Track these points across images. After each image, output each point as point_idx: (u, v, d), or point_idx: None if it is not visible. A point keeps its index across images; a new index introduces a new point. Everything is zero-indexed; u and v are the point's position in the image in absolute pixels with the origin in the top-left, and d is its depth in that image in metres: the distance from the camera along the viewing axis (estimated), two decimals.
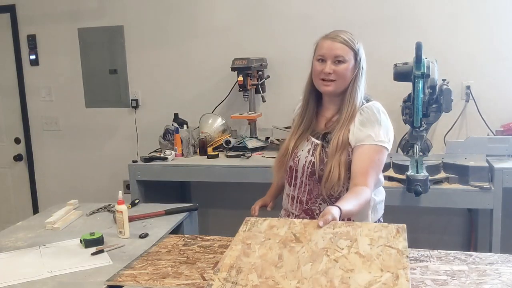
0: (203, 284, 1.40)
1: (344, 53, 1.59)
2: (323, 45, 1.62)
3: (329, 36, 1.63)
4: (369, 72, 3.12)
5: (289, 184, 1.73)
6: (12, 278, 1.52)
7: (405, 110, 2.52)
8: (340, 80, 1.60)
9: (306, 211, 1.69)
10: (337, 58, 1.59)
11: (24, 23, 3.66)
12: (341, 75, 1.60)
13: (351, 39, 1.61)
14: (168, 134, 3.20)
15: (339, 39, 1.60)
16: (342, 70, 1.59)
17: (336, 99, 1.67)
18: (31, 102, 3.76)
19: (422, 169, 2.38)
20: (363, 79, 1.65)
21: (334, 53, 1.59)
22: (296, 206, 1.71)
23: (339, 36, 1.60)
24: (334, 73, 1.59)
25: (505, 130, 2.82)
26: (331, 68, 1.59)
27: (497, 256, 1.53)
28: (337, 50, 1.59)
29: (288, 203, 1.75)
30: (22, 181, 3.90)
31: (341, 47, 1.59)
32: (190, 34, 3.36)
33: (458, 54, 2.92)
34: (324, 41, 1.62)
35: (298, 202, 1.70)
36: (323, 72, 1.60)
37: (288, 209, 1.76)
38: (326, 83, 1.61)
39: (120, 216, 1.83)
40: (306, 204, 1.68)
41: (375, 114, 1.61)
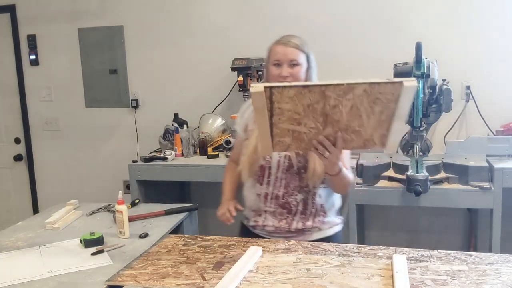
0: (203, 284, 1.40)
1: (298, 57, 1.71)
2: (278, 51, 1.73)
3: (282, 41, 1.74)
4: (369, 72, 3.14)
5: (261, 183, 1.77)
6: (12, 278, 1.52)
7: None
8: (296, 81, 1.70)
9: (283, 205, 1.76)
10: (292, 61, 1.70)
11: (24, 23, 3.66)
12: (296, 76, 1.71)
13: (302, 43, 1.74)
14: (168, 134, 3.20)
15: (292, 44, 1.72)
16: (297, 72, 1.71)
17: None
18: (31, 102, 3.76)
19: (422, 169, 2.38)
20: (315, 79, 1.77)
21: (288, 57, 1.70)
22: (270, 203, 1.78)
23: (290, 41, 1.73)
24: (291, 76, 1.70)
25: (505, 130, 2.82)
26: (288, 71, 1.70)
27: (497, 256, 1.53)
28: (291, 54, 1.71)
29: (260, 202, 1.79)
30: (22, 181, 3.90)
31: (294, 51, 1.71)
32: (190, 34, 3.36)
33: (458, 54, 2.92)
34: (278, 46, 1.74)
35: (273, 198, 1.77)
36: (280, 75, 1.70)
37: (259, 209, 1.81)
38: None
39: (120, 216, 1.83)
40: (282, 198, 1.75)
41: None
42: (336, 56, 3.12)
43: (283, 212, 1.77)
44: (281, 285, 1.37)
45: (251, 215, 1.86)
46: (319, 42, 3.13)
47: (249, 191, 1.84)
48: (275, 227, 1.79)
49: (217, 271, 1.49)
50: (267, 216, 1.80)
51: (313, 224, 1.78)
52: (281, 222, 1.78)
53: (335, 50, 3.12)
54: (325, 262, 1.52)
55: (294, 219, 1.77)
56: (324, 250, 1.63)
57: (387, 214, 3.14)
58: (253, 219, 1.85)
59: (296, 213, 1.77)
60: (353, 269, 1.46)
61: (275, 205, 1.77)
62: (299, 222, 1.77)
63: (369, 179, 2.56)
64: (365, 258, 1.54)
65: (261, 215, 1.81)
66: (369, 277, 1.40)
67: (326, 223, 1.82)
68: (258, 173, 1.78)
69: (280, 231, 1.79)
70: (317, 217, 1.79)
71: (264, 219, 1.80)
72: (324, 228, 1.81)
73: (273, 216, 1.78)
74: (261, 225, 1.81)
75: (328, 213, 1.82)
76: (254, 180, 1.80)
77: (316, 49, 3.09)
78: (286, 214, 1.77)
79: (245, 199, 1.89)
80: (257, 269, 1.49)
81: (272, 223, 1.79)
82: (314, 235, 1.80)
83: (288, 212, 1.77)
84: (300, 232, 1.79)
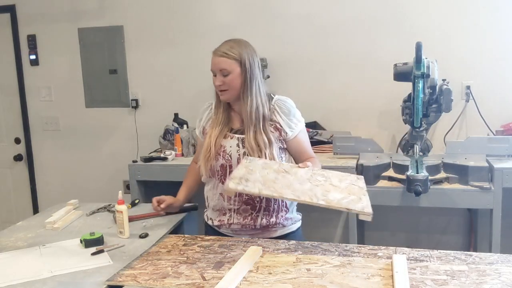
0: (203, 284, 1.40)
1: (227, 65, 1.76)
2: (212, 60, 1.80)
3: (214, 51, 1.80)
4: (369, 72, 3.15)
5: (223, 182, 1.79)
6: (12, 278, 1.51)
7: (405, 110, 2.52)
8: (231, 89, 1.78)
9: (246, 201, 1.81)
10: (222, 72, 1.76)
11: (24, 23, 3.66)
12: (229, 85, 1.77)
13: (234, 51, 1.77)
14: (168, 134, 3.20)
15: (219, 53, 1.77)
16: (229, 81, 1.76)
17: (239, 101, 1.82)
18: (31, 102, 3.76)
19: (422, 169, 2.38)
20: (255, 82, 1.79)
21: (218, 67, 1.77)
22: (234, 201, 1.82)
23: (220, 50, 1.78)
24: (224, 84, 1.77)
25: (505, 130, 2.82)
26: (220, 80, 1.77)
27: (497, 256, 1.53)
28: (220, 64, 1.76)
29: (224, 201, 1.83)
30: (22, 181, 3.90)
31: (223, 60, 1.76)
32: (190, 34, 3.36)
33: (458, 54, 2.92)
34: (213, 56, 1.80)
35: (236, 195, 1.79)
36: (216, 85, 1.79)
37: (223, 208, 1.85)
38: (221, 93, 1.80)
39: (120, 216, 1.83)
40: (246, 195, 1.77)
41: (287, 102, 1.85)
42: (336, 56, 3.12)
43: (247, 208, 1.82)
44: (281, 285, 1.37)
45: (215, 215, 1.89)
46: (319, 41, 3.15)
47: (211, 191, 1.88)
48: (240, 225, 1.83)
49: (217, 271, 1.49)
50: (231, 214, 1.84)
51: (276, 220, 1.84)
52: (246, 219, 1.82)
53: (335, 50, 3.12)
54: (325, 262, 1.52)
55: (258, 215, 1.82)
56: (324, 250, 1.63)
57: (387, 214, 3.13)
58: (217, 219, 1.88)
59: (259, 209, 1.82)
60: (353, 269, 1.46)
61: (239, 202, 1.81)
62: (263, 219, 1.82)
63: (369, 179, 2.55)
64: (365, 258, 1.54)
65: (226, 214, 1.85)
66: (369, 277, 1.40)
67: (289, 219, 1.88)
68: (219, 173, 1.82)
69: (246, 229, 1.83)
70: (280, 212, 1.85)
71: (229, 217, 1.84)
72: (287, 224, 1.88)
73: (238, 214, 1.83)
74: (226, 223, 1.85)
75: (290, 208, 1.89)
76: (216, 180, 1.84)
77: (316, 48, 3.14)
78: (250, 210, 1.82)
79: (207, 200, 1.93)
80: (257, 269, 1.48)
81: (237, 221, 1.83)
82: (279, 231, 1.86)
83: (252, 208, 1.81)
84: (265, 229, 1.84)
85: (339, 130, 3.07)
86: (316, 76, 3.17)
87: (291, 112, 1.84)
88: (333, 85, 3.13)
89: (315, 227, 3.17)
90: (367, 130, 3.05)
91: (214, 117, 1.88)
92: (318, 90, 3.17)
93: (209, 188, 1.90)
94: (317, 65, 3.16)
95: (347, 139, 2.82)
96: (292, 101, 1.87)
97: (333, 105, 3.15)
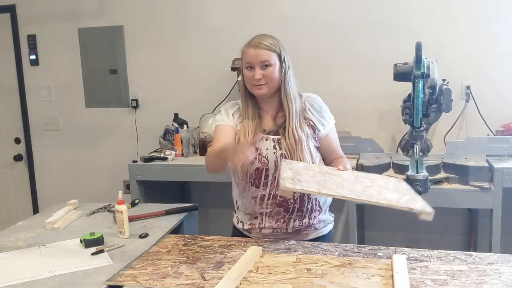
0: (203, 284, 1.40)
1: (269, 57, 1.72)
2: (249, 53, 1.74)
3: (252, 44, 1.75)
4: (369, 72, 3.15)
5: (257, 186, 1.76)
6: (12, 278, 1.51)
7: (405, 110, 2.52)
8: (271, 82, 1.73)
9: (280, 203, 1.76)
10: (263, 63, 1.72)
11: (24, 23, 3.66)
12: (270, 77, 1.73)
13: (273, 43, 1.74)
14: (168, 134, 3.20)
15: (262, 46, 1.72)
16: (270, 73, 1.72)
17: (273, 98, 1.80)
18: (31, 102, 3.76)
19: (422, 169, 2.38)
20: (291, 75, 1.78)
21: (260, 59, 1.71)
22: (267, 204, 1.76)
23: (261, 43, 1.73)
24: (264, 77, 1.72)
25: (505, 130, 2.82)
26: (260, 73, 1.71)
27: (497, 256, 1.53)
28: (262, 56, 1.71)
29: (256, 205, 1.78)
30: (22, 181, 3.90)
31: (265, 53, 1.72)
32: (190, 34, 3.36)
33: (458, 54, 2.92)
34: (249, 49, 1.74)
35: (270, 198, 1.75)
36: (254, 78, 1.72)
37: (255, 211, 1.79)
38: (259, 87, 1.74)
39: (120, 216, 1.83)
40: (280, 196, 1.74)
41: (318, 99, 1.85)
42: (336, 56, 3.12)
43: (280, 211, 1.76)
44: (281, 285, 1.37)
45: (246, 218, 1.83)
46: (319, 42, 3.14)
47: (242, 195, 1.82)
48: (272, 229, 1.78)
49: (217, 271, 1.49)
50: (263, 217, 1.78)
51: (309, 221, 1.79)
52: (278, 222, 1.77)
53: (335, 50, 3.12)
54: (325, 262, 1.52)
55: (291, 217, 1.77)
56: (324, 250, 1.63)
57: (387, 214, 3.13)
58: (248, 222, 1.83)
59: (293, 211, 1.77)
60: (353, 269, 1.46)
61: (272, 205, 1.76)
62: (296, 221, 1.77)
63: None
64: (365, 258, 1.54)
65: (257, 217, 1.80)
66: (369, 277, 1.40)
67: (322, 222, 1.83)
68: (253, 176, 1.76)
69: (277, 233, 1.78)
70: (313, 213, 1.80)
71: (261, 221, 1.79)
72: (319, 227, 1.83)
73: (270, 217, 1.78)
74: (258, 227, 1.80)
75: (323, 208, 1.84)
76: (248, 184, 1.78)
77: (316, 49, 3.14)
78: (283, 213, 1.77)
79: (237, 204, 1.87)
80: (257, 269, 1.49)
81: (269, 224, 1.78)
82: (310, 235, 1.81)
83: (285, 210, 1.76)
84: (297, 233, 1.79)
85: (339, 130, 3.05)
86: (316, 76, 3.17)
87: (323, 109, 1.83)
88: (333, 85, 3.13)
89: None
90: (367, 130, 3.05)
91: (245, 119, 1.79)
92: (318, 90, 3.12)
93: (240, 191, 1.83)
94: (317, 65, 3.16)
95: (347, 139, 2.82)
96: (320, 98, 1.86)
97: (333, 105, 3.11)
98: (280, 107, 1.80)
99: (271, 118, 1.81)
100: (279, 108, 1.80)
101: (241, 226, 1.86)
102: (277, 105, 1.80)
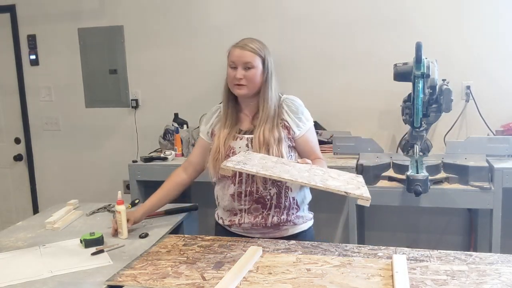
0: (203, 284, 1.40)
1: (252, 60, 1.77)
2: (234, 53, 1.79)
3: (239, 44, 1.81)
4: (369, 72, 3.15)
5: (234, 183, 1.80)
6: (12, 278, 1.52)
7: (405, 110, 2.52)
8: (251, 84, 1.79)
9: (257, 200, 1.80)
10: (246, 64, 1.77)
11: (24, 23, 3.66)
12: (251, 79, 1.78)
13: (259, 47, 1.80)
14: (168, 134, 3.20)
15: (248, 48, 1.78)
16: (251, 75, 1.78)
17: (253, 100, 1.85)
18: (31, 102, 3.76)
19: (422, 169, 2.38)
20: (273, 80, 1.83)
21: (243, 60, 1.77)
22: (245, 200, 1.81)
23: (247, 45, 1.79)
24: (245, 78, 1.78)
25: (505, 130, 2.82)
26: (241, 73, 1.77)
27: (497, 256, 1.53)
28: (246, 57, 1.77)
29: (235, 201, 1.82)
30: (22, 181, 3.90)
31: (249, 55, 1.77)
32: (190, 34, 3.36)
33: (458, 54, 2.92)
34: (235, 49, 1.80)
35: (247, 195, 1.80)
36: (235, 77, 1.78)
37: (234, 208, 1.84)
38: (239, 87, 1.80)
39: (119, 217, 1.83)
40: (257, 193, 1.79)
41: (296, 101, 1.88)
42: (336, 56, 3.12)
43: (258, 207, 1.81)
44: (281, 285, 1.37)
45: (226, 215, 1.88)
46: (319, 41, 3.14)
47: (222, 191, 1.87)
48: (251, 224, 1.82)
49: (217, 271, 1.49)
50: (242, 214, 1.83)
51: (287, 218, 1.83)
52: (257, 218, 1.81)
53: (335, 50, 3.12)
54: (325, 262, 1.52)
55: (269, 213, 1.81)
56: (324, 250, 1.63)
57: (387, 214, 3.14)
58: (228, 219, 1.87)
59: (270, 207, 1.81)
60: (353, 269, 1.46)
61: (250, 201, 1.81)
62: (274, 217, 1.81)
63: (369, 179, 2.56)
64: (365, 258, 1.54)
65: (237, 214, 1.84)
66: (369, 277, 1.40)
67: (300, 218, 1.88)
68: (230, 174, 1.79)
69: (257, 227, 1.82)
70: (291, 210, 1.84)
71: (240, 217, 1.83)
72: (298, 223, 1.87)
73: (249, 213, 1.82)
74: (237, 223, 1.84)
75: (301, 206, 1.88)
76: (226, 181, 1.83)
77: (316, 49, 3.14)
78: (261, 209, 1.81)
79: (218, 200, 1.92)
80: (257, 269, 1.49)
81: (249, 220, 1.82)
82: (290, 230, 1.85)
83: (263, 207, 1.81)
84: (276, 227, 1.83)
85: (339, 130, 3.07)
86: (316, 76, 3.17)
87: (299, 111, 1.86)
88: (333, 85, 3.13)
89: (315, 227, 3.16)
90: (367, 130, 3.05)
91: (222, 119, 1.88)
92: (318, 90, 3.17)
93: (220, 188, 1.88)
94: (317, 65, 3.16)
95: (347, 139, 2.83)
96: (300, 100, 1.89)
97: (333, 105, 3.15)
98: (257, 110, 1.86)
99: (248, 118, 1.87)
100: (256, 110, 1.86)
101: (221, 222, 1.91)
102: (256, 107, 1.86)
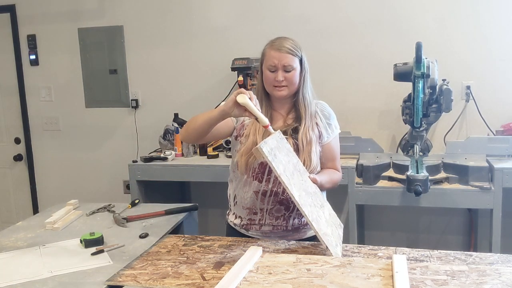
0: (203, 284, 1.40)
1: (292, 62, 1.76)
2: (272, 56, 1.76)
3: (275, 46, 1.78)
4: (369, 72, 3.15)
5: (260, 181, 1.77)
6: (12, 278, 1.52)
7: (405, 110, 2.52)
8: (291, 85, 1.78)
9: (281, 201, 1.77)
10: (286, 68, 1.76)
11: (24, 23, 3.66)
12: (291, 81, 1.77)
13: (295, 47, 1.78)
14: (168, 134, 3.20)
15: (285, 50, 1.76)
16: (291, 77, 1.77)
17: (288, 100, 1.84)
18: (31, 102, 3.76)
19: (422, 169, 2.38)
20: (309, 79, 1.84)
21: (283, 62, 1.75)
22: (269, 200, 1.78)
23: (284, 46, 1.77)
24: (286, 80, 1.77)
25: (505, 130, 2.82)
26: (283, 76, 1.76)
27: (497, 256, 1.53)
28: (286, 60, 1.75)
29: (257, 200, 1.79)
30: (22, 181, 3.90)
31: (289, 57, 1.76)
32: (190, 34, 3.36)
33: (458, 54, 2.93)
34: (272, 52, 1.77)
35: (271, 195, 1.77)
36: (276, 80, 1.76)
37: (255, 207, 1.80)
38: (279, 88, 1.78)
39: (251, 108, 1.57)
40: (282, 194, 1.76)
41: (328, 106, 1.90)
42: (336, 56, 3.12)
43: (281, 209, 1.78)
44: (281, 285, 1.37)
45: (244, 213, 1.83)
46: (319, 42, 3.14)
47: (242, 189, 1.82)
48: (272, 226, 1.79)
49: (217, 271, 1.49)
50: (263, 214, 1.79)
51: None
52: (278, 220, 1.79)
53: (335, 50, 3.12)
54: (325, 262, 1.52)
55: (291, 215, 1.79)
56: (324, 250, 1.62)
57: (387, 214, 3.14)
58: (247, 217, 1.82)
59: (293, 209, 1.78)
60: (353, 269, 1.46)
61: (274, 202, 1.77)
62: (296, 219, 1.80)
63: (369, 179, 2.56)
64: (365, 258, 1.54)
65: (257, 213, 1.80)
66: (369, 277, 1.40)
67: None
68: (256, 170, 1.77)
69: (277, 230, 1.79)
70: None
71: (261, 217, 1.80)
72: None
73: (270, 214, 1.79)
74: (257, 223, 1.80)
75: None
76: (250, 178, 1.78)
77: (316, 49, 3.14)
78: (284, 211, 1.78)
79: (235, 199, 1.86)
80: (257, 269, 1.48)
81: (269, 221, 1.79)
82: (309, 232, 1.84)
83: (285, 208, 1.78)
84: (296, 230, 1.81)
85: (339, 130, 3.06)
86: (316, 76, 3.14)
87: (331, 116, 1.87)
88: (333, 85, 3.13)
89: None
90: (367, 130, 3.05)
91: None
92: (318, 90, 3.12)
93: (240, 186, 1.82)
94: (317, 65, 3.14)
95: (347, 139, 2.82)
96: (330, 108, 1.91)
97: (333, 105, 3.11)
98: (291, 109, 1.84)
99: (282, 118, 1.85)
100: (290, 109, 1.84)
101: (238, 221, 1.85)
102: (290, 107, 1.84)
